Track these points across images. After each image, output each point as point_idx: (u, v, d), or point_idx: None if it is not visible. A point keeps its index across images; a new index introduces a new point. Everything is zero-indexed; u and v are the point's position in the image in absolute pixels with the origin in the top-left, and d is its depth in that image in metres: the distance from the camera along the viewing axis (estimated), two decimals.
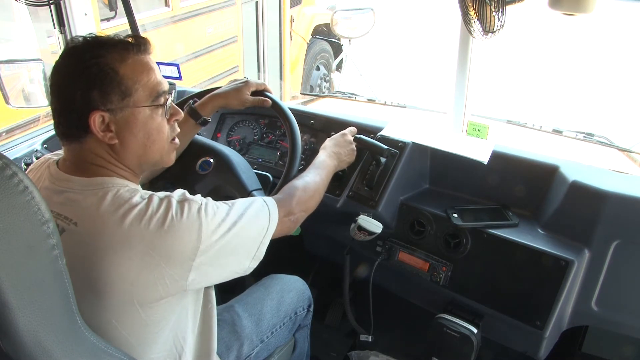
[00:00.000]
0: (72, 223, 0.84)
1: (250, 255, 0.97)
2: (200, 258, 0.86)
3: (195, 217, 0.85)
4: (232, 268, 0.96)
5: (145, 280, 0.82)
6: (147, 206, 0.84)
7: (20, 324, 0.62)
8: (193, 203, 0.87)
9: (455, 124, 1.60)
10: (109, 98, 0.86)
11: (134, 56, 0.89)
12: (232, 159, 1.32)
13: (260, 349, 1.25)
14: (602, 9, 1.16)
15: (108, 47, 0.87)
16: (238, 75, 3.90)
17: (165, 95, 0.94)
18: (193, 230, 0.85)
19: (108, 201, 0.84)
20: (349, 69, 4.03)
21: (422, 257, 1.40)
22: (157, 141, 0.94)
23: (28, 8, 2.13)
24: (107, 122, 0.87)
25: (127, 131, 0.89)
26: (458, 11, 1.18)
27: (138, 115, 0.89)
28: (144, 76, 0.89)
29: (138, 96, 0.89)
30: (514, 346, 1.37)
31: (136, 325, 0.86)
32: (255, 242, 0.97)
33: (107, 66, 0.86)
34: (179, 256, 0.84)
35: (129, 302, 0.83)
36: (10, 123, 2.28)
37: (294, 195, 1.13)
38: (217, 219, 0.89)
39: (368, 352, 1.69)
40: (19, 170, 0.61)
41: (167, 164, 1.00)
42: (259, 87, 1.36)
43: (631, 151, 1.80)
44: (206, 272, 0.89)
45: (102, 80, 0.85)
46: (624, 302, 1.22)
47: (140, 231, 0.81)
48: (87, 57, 0.85)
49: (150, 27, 3.13)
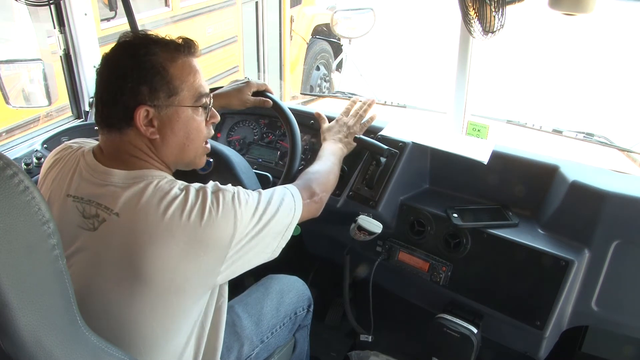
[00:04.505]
0: (114, 214, 0.86)
1: (277, 240, 1.00)
2: (236, 247, 0.89)
3: (230, 206, 0.89)
4: (263, 255, 0.99)
5: (185, 270, 0.85)
6: (186, 198, 0.87)
7: (20, 324, 0.61)
8: (227, 192, 0.90)
9: (455, 124, 1.60)
10: (156, 94, 0.89)
11: (183, 57, 0.92)
12: (232, 159, 1.32)
13: (260, 350, 1.25)
14: (602, 9, 1.16)
15: (161, 46, 0.90)
16: (238, 75, 3.90)
17: (207, 98, 0.97)
18: (230, 219, 0.88)
19: (150, 192, 0.86)
20: (349, 69, 4.03)
21: (422, 257, 1.40)
22: (195, 141, 0.98)
23: (28, 8, 2.12)
24: (151, 118, 0.90)
25: (169, 128, 0.93)
26: (458, 11, 1.19)
27: (181, 114, 0.93)
28: (191, 77, 0.93)
29: (183, 96, 0.92)
30: (514, 346, 1.37)
31: (167, 316, 0.89)
32: (284, 227, 1.01)
33: (159, 64, 0.89)
34: (217, 245, 0.87)
35: (167, 291, 0.86)
36: (10, 123, 2.28)
37: (311, 179, 1.16)
38: (250, 207, 0.92)
39: (368, 352, 1.69)
40: (20, 171, 0.61)
41: (198, 165, 1.04)
42: (260, 88, 1.36)
43: (631, 151, 1.79)
44: (240, 258, 0.92)
45: (153, 77, 0.88)
46: (624, 302, 1.22)
47: (182, 222, 0.84)
48: (141, 53, 0.88)
49: (150, 27, 3.13)
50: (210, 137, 1.04)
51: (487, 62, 3.82)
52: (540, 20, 5.68)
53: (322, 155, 1.29)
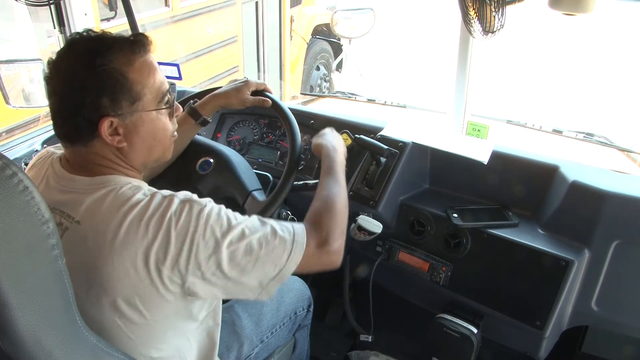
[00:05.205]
0: (75, 222, 0.84)
1: (254, 290, 0.87)
2: (194, 270, 0.81)
3: (193, 219, 0.81)
4: (238, 294, 0.88)
5: (146, 280, 0.81)
6: (148, 204, 0.82)
7: (20, 324, 0.61)
8: (195, 205, 0.83)
9: (455, 124, 1.60)
10: (119, 104, 0.85)
11: (139, 58, 0.88)
12: (232, 159, 1.32)
13: (260, 349, 1.25)
14: (602, 9, 1.16)
15: (115, 50, 0.85)
16: (238, 75, 3.90)
17: (169, 95, 0.94)
18: (187, 235, 0.81)
19: (110, 199, 0.83)
20: (349, 69, 4.03)
21: (422, 257, 1.40)
22: (163, 139, 0.95)
23: (28, 8, 2.13)
24: (116, 126, 0.86)
25: (135, 134, 0.89)
26: (458, 11, 1.19)
27: (146, 118, 0.90)
28: (151, 79, 0.89)
29: (146, 100, 0.89)
30: (514, 346, 1.37)
31: (139, 325, 0.85)
32: (264, 275, 0.86)
33: (116, 71, 0.84)
34: (174, 258, 0.80)
35: (132, 301, 0.82)
36: (10, 123, 2.28)
37: (321, 221, 0.96)
38: (216, 230, 0.82)
39: (368, 352, 1.69)
40: (19, 170, 0.61)
41: (167, 158, 1.01)
42: (259, 87, 1.36)
43: (631, 151, 1.80)
44: (205, 286, 0.84)
45: (113, 87, 0.84)
46: (624, 302, 1.22)
47: (139, 230, 0.80)
48: (97, 63, 0.83)
49: (150, 27, 3.13)
50: (175, 129, 0.99)
51: (487, 62, 3.82)
52: (540, 20, 5.68)
53: (328, 176, 1.10)
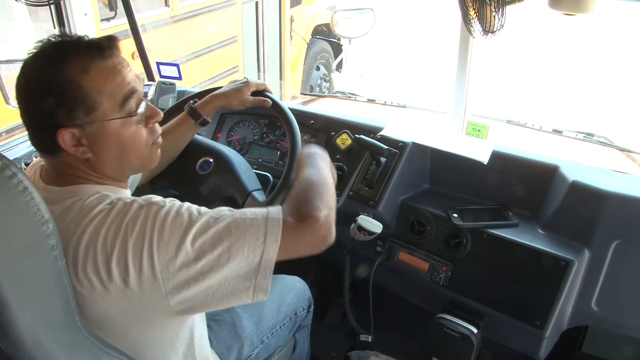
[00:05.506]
0: None
1: (244, 287, 0.79)
2: (168, 277, 0.76)
3: (149, 223, 0.76)
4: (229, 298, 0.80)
5: (114, 291, 0.76)
6: (108, 213, 0.78)
7: (19, 324, 0.62)
8: (153, 207, 0.78)
9: (455, 124, 1.60)
10: (74, 114, 0.80)
11: (97, 65, 0.81)
12: (232, 159, 1.32)
13: (260, 350, 1.25)
14: (602, 9, 1.16)
15: (70, 58, 0.80)
16: (238, 75, 3.90)
17: (137, 99, 0.86)
18: (144, 241, 0.75)
19: (75, 210, 0.80)
20: (349, 69, 4.03)
21: (422, 257, 1.40)
22: (134, 149, 0.88)
23: (28, 8, 2.13)
24: (78, 137, 0.81)
25: (100, 144, 0.84)
26: (458, 11, 1.19)
27: (109, 127, 0.83)
28: (109, 85, 0.82)
29: (104, 109, 0.82)
30: (514, 346, 1.37)
31: (118, 336, 0.82)
32: (247, 266, 0.79)
33: (71, 80, 0.79)
34: (137, 268, 0.75)
35: (106, 314, 0.78)
36: (10, 123, 2.28)
37: (298, 195, 0.90)
38: (177, 226, 0.77)
39: (368, 352, 1.69)
40: (19, 171, 0.61)
41: (150, 166, 0.95)
42: (259, 87, 1.36)
43: (631, 151, 1.80)
44: (180, 288, 0.77)
45: (66, 96, 0.79)
46: (624, 302, 1.22)
47: (99, 242, 0.76)
48: (53, 71, 0.79)
49: (150, 27, 3.13)
50: (156, 136, 0.92)
51: (487, 62, 3.82)
52: (540, 20, 5.68)
53: (304, 166, 1.01)
